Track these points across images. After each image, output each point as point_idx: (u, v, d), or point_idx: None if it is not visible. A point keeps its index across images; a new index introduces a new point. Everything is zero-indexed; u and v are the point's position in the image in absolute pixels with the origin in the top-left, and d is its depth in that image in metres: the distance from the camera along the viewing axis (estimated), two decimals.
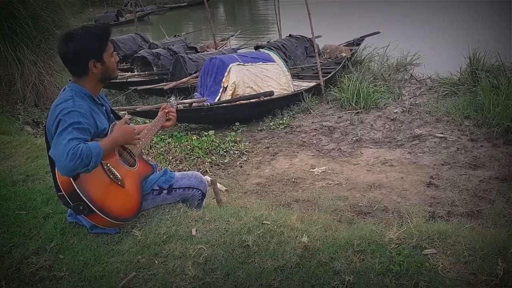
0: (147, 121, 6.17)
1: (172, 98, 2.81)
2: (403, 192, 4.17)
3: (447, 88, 7.10)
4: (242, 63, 6.95)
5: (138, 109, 6.53)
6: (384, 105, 6.87)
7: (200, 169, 5.02)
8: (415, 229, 2.21)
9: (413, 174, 4.56)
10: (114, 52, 2.33)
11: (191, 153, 5.44)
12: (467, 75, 7.22)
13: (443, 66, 7.88)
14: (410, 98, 7.12)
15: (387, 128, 6.04)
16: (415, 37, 10.63)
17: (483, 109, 5.70)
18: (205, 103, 6.53)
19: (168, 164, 5.05)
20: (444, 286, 1.81)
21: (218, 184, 3.67)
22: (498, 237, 2.18)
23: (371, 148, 5.45)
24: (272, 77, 7.07)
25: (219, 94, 6.79)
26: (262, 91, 6.83)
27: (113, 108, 2.60)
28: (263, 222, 2.32)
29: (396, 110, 6.63)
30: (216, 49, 10.51)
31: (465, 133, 5.51)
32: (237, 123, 6.72)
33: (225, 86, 6.78)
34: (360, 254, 2.05)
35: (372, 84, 7.42)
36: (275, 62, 7.27)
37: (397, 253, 2.01)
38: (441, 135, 5.51)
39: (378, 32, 10.18)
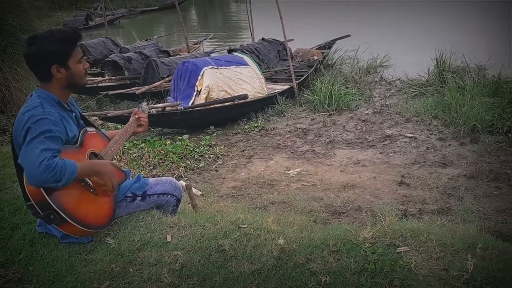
0: (119, 126, 6.06)
1: (144, 103, 2.76)
2: (376, 192, 4.25)
3: (415, 89, 7.31)
4: (215, 67, 6.93)
5: (109, 115, 6.39)
6: (355, 106, 7.00)
7: (175, 174, 4.96)
8: (388, 227, 2.25)
9: (385, 173, 4.66)
10: (84, 58, 2.27)
11: (165, 158, 5.37)
12: (435, 77, 7.46)
13: (411, 67, 8.10)
14: (381, 99, 7.28)
15: (359, 129, 6.15)
16: (384, 40, 10.90)
17: (450, 109, 5.90)
18: (178, 107, 6.47)
19: (142, 170, 4.97)
20: (417, 283, 1.85)
21: (193, 189, 3.63)
22: (467, 233, 2.26)
23: (344, 149, 5.53)
24: (246, 80, 7.08)
25: (193, 98, 6.75)
26: (236, 94, 6.83)
27: (83, 113, 2.54)
28: (240, 225, 2.32)
29: (367, 112, 6.76)
30: (189, 52, 10.44)
31: (434, 132, 5.67)
32: (211, 127, 6.69)
33: (199, 89, 6.74)
34: (335, 254, 2.07)
35: (344, 87, 7.55)
36: (248, 65, 7.29)
37: (371, 252, 2.04)
38: (411, 135, 5.66)
39: (348, 35, 10.39)
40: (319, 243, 2.15)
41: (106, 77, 9.25)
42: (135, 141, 5.91)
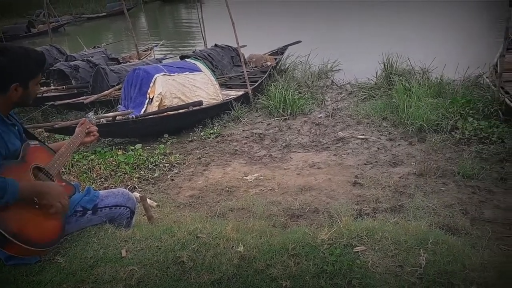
0: (66, 137, 5.77)
1: (91, 113, 2.65)
2: (332, 193, 4.34)
3: (365, 92, 7.57)
4: (168, 73, 6.80)
5: (56, 126, 6.07)
6: (309, 110, 7.13)
7: (128, 185, 4.80)
8: (345, 228, 2.30)
9: (340, 175, 4.78)
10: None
11: (117, 169, 5.19)
12: (383, 80, 7.77)
13: (360, 71, 8.39)
14: (333, 103, 7.48)
15: (313, 132, 6.27)
16: (334, 45, 11.22)
17: (398, 111, 6.16)
18: (130, 116, 6.28)
19: (92, 183, 4.77)
20: (374, 281, 1.89)
21: (148, 200, 3.53)
22: (419, 229, 2.34)
23: (299, 152, 5.61)
24: (200, 87, 7.01)
25: (145, 106, 6.58)
26: (190, 101, 6.75)
27: (27, 126, 2.39)
28: (198, 235, 2.27)
29: (320, 115, 6.92)
30: (139, 59, 10.19)
31: (384, 133, 5.90)
32: (165, 135, 6.55)
33: (151, 97, 6.59)
34: (295, 258, 2.08)
35: (297, 91, 7.68)
36: (202, 71, 7.23)
37: (329, 253, 2.07)
38: (363, 137, 5.85)
39: (299, 41, 10.60)
40: (279, 248, 2.15)
41: (52, 87, 8.82)
42: (85, 153, 5.66)
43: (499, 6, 13.21)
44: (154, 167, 5.37)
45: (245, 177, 4.93)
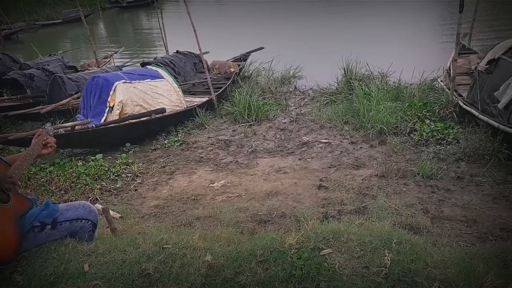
0: (22, 149, 5.51)
1: (48, 124, 2.54)
2: (298, 197, 4.38)
3: (327, 97, 7.73)
4: (128, 81, 6.66)
5: (10, 137, 5.79)
6: (273, 116, 7.19)
7: (89, 197, 4.64)
8: (312, 231, 2.32)
9: (305, 178, 4.83)
10: None
11: (78, 181, 5.01)
12: (343, 85, 7.96)
13: (322, 77, 8.57)
14: (296, 108, 7.58)
15: (278, 137, 6.32)
16: (296, 52, 11.41)
17: (359, 114, 6.33)
18: (89, 125, 6.09)
19: (52, 196, 4.57)
20: (342, 283, 1.92)
21: (111, 212, 3.43)
22: (383, 229, 2.40)
23: (265, 158, 5.64)
24: (163, 94, 6.91)
25: (105, 115, 6.40)
26: (152, 108, 6.63)
27: None
28: (164, 246, 2.22)
29: (284, 121, 6.99)
30: (98, 67, 9.93)
31: (346, 137, 6.03)
32: (128, 144, 6.39)
33: (112, 105, 6.42)
34: (263, 264, 2.07)
35: (261, 97, 7.73)
36: (164, 78, 7.13)
37: (297, 258, 2.08)
38: (326, 141, 5.96)
39: (262, 48, 10.70)
40: (247, 255, 2.14)
41: (5, 97, 8.41)
42: (42, 165, 5.43)
43: (452, 12, 13.91)
44: (116, 178, 5.22)
45: (211, 185, 4.89)
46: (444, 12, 15.82)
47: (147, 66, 8.00)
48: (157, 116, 6.57)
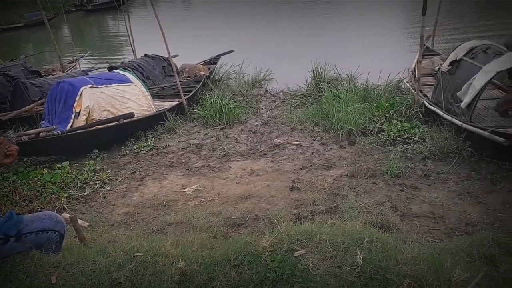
0: None
1: (10, 131, 2.45)
2: (271, 199, 4.39)
3: (297, 99, 7.81)
4: (95, 86, 6.49)
5: None
6: (245, 119, 7.19)
7: (56, 206, 4.49)
8: (285, 233, 2.33)
9: (278, 180, 4.85)
10: None
11: (43, 190, 4.84)
12: (313, 87, 8.06)
13: (292, 80, 8.64)
14: (267, 111, 7.62)
15: (250, 140, 6.33)
16: (266, 55, 11.46)
17: (329, 116, 6.42)
18: (55, 132, 5.89)
19: (15, 206, 4.39)
20: (315, 284, 1.93)
21: (79, 221, 3.33)
22: (354, 228, 2.44)
23: (238, 161, 5.62)
24: (131, 98, 6.77)
25: (71, 121, 6.21)
26: (121, 113, 6.48)
27: None
28: (135, 254, 2.17)
29: (256, 123, 7.01)
30: (63, 72, 9.63)
31: (316, 138, 6.11)
32: (95, 150, 6.22)
33: (78, 111, 6.24)
34: (237, 268, 2.06)
35: (232, 100, 7.71)
36: (132, 82, 6.99)
37: (271, 260, 2.08)
38: (297, 142, 6.01)
39: (232, 51, 10.68)
40: (220, 260, 2.12)
41: None
42: (5, 174, 5.21)
43: (416, 15, 14.38)
44: (84, 185, 5.07)
45: (183, 190, 4.83)
46: (409, 15, 16.33)
47: (114, 70, 7.83)
48: (125, 121, 6.43)
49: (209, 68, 9.78)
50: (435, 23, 8.40)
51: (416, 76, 6.50)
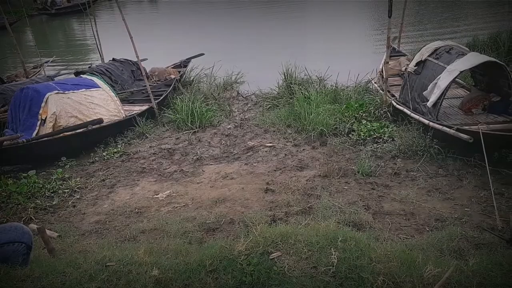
0: None
1: None
2: (246, 202, 4.38)
3: (269, 102, 7.84)
4: (61, 91, 6.29)
5: None
6: (218, 122, 7.16)
7: (23, 217, 4.33)
8: (260, 236, 2.32)
9: (252, 183, 4.85)
10: None
11: (8, 200, 4.65)
12: (284, 89, 8.11)
13: (264, 82, 8.66)
14: (240, 113, 7.61)
15: (223, 143, 6.30)
16: (237, 57, 11.45)
17: (300, 118, 6.48)
18: (19, 140, 5.67)
19: None
20: (291, 285, 1.93)
21: (48, 231, 3.21)
22: (328, 228, 2.47)
23: (211, 164, 5.59)
24: (99, 104, 6.61)
25: (37, 128, 6.00)
26: (89, 119, 6.32)
27: None
28: (107, 264, 2.11)
29: (229, 126, 6.98)
30: (27, 78, 9.28)
31: (289, 140, 6.15)
32: (63, 158, 6.03)
33: (43, 118, 6.03)
34: (213, 274, 2.04)
35: (204, 104, 7.66)
36: (100, 87, 6.82)
37: (247, 264, 2.07)
38: (270, 144, 6.03)
39: (202, 54, 10.61)
40: (196, 266, 2.10)
41: None
42: None
43: (383, 17, 14.75)
44: (52, 194, 4.90)
45: (155, 196, 4.75)
46: (376, 16, 16.73)
47: (81, 75, 7.62)
48: (94, 127, 6.27)
49: (179, 72, 9.68)
50: (401, 25, 8.64)
51: (384, 76, 6.66)
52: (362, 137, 5.72)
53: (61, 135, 5.99)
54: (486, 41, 9.00)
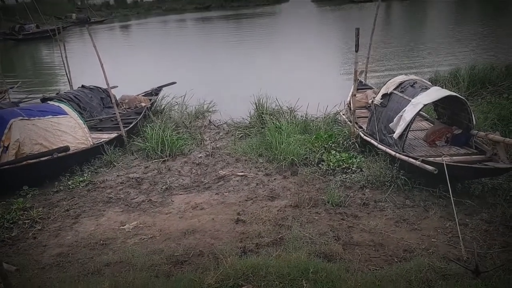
0: None
1: None
2: (216, 233, 4.31)
3: (241, 131, 7.88)
4: (26, 118, 6.10)
5: None
6: (189, 151, 7.09)
7: None
8: (231, 268, 2.28)
9: (223, 213, 4.78)
10: None
11: None
12: (256, 119, 8.20)
13: (235, 111, 8.74)
14: (212, 142, 7.59)
15: (194, 172, 6.22)
16: (208, 86, 11.54)
17: (272, 147, 6.53)
18: None
19: None
20: None
21: (5, 265, 3.02)
22: (299, 259, 2.45)
23: (181, 194, 5.49)
24: (66, 131, 6.43)
25: None
26: (55, 147, 6.12)
27: None
28: None
29: (200, 155, 6.93)
30: None
31: (261, 169, 6.16)
32: (25, 187, 5.78)
33: (6, 145, 5.80)
34: None
35: (175, 132, 7.60)
36: (67, 114, 6.66)
37: None
38: (242, 174, 6.01)
39: (174, 82, 10.63)
40: None
41: None
42: None
43: (350, 49, 15.34)
44: (12, 225, 4.66)
45: (122, 227, 4.60)
46: (343, 49, 17.36)
47: (48, 102, 7.43)
48: (59, 155, 6.07)
49: (150, 100, 9.62)
50: (367, 60, 9.01)
51: (352, 108, 6.85)
52: (331, 167, 5.80)
53: (24, 163, 5.75)
54: (447, 77, 9.49)
